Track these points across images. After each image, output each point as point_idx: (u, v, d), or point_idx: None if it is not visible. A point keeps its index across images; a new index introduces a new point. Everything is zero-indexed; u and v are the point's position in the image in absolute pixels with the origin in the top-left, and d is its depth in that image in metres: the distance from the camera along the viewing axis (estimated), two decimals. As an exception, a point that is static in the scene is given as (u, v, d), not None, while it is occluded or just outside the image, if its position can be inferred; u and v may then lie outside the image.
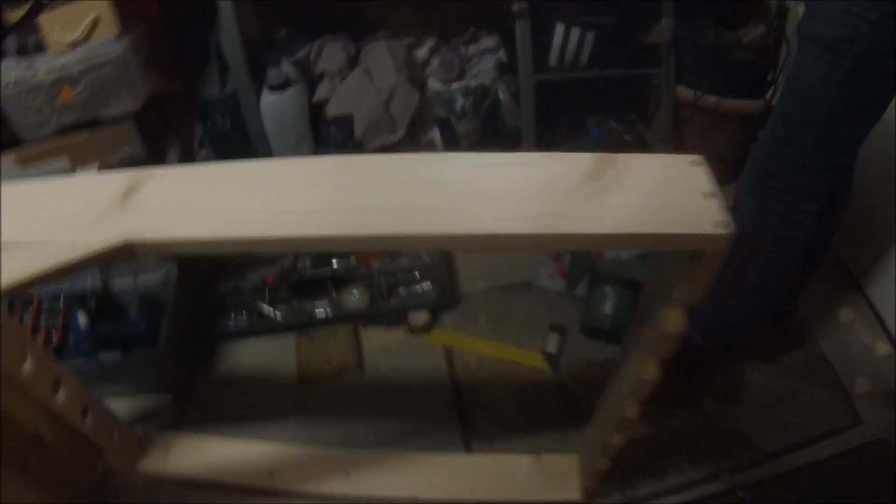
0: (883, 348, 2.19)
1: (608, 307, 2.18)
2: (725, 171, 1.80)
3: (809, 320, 2.29)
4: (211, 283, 2.38)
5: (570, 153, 1.15)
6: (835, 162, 1.56)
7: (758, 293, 1.84)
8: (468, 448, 1.99)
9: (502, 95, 2.57)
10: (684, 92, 2.54)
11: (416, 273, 2.39)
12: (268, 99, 2.39)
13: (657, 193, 1.08)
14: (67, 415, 1.65)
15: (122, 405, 2.01)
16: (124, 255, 1.07)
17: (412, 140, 2.56)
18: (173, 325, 2.07)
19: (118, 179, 1.18)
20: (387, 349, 2.26)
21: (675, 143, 2.66)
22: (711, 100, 2.49)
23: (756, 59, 2.44)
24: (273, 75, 2.39)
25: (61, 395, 1.61)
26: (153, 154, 2.38)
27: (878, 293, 2.29)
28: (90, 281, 2.14)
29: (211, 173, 1.24)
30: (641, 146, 2.72)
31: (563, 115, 2.77)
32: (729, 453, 1.98)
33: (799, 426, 2.04)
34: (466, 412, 2.08)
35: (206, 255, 2.14)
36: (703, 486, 1.91)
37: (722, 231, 1.01)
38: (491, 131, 2.68)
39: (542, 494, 1.82)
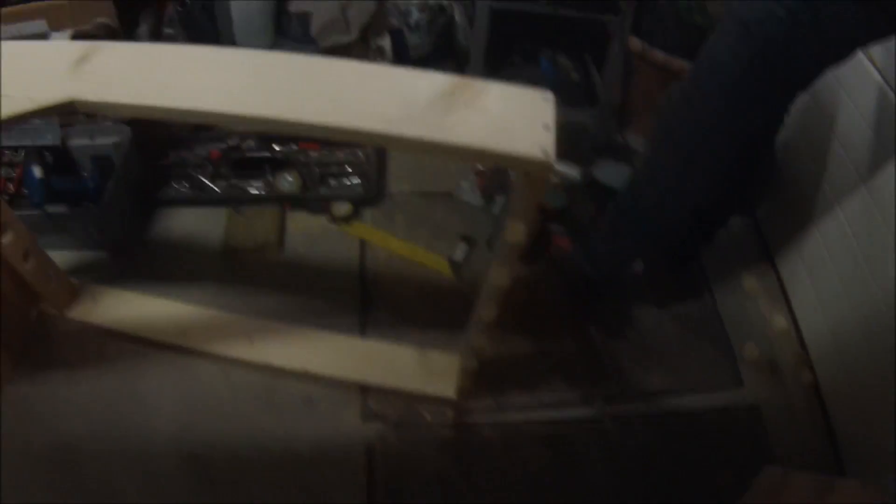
0: (780, 322, 2.25)
1: None
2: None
3: (713, 279, 2.37)
4: (161, 152, 2.49)
5: (433, 72, 1.27)
6: (733, 129, 1.61)
7: (644, 233, 1.93)
8: (363, 333, 2.12)
9: (458, 16, 2.63)
10: (638, 44, 2.56)
11: (348, 167, 2.51)
12: (238, -13, 2.46)
13: (501, 118, 1.18)
14: (11, 256, 1.79)
15: (64, 257, 2.16)
16: (69, 111, 1.26)
17: (364, 44, 2.62)
18: (119, 186, 2.19)
19: (75, 48, 1.34)
20: (308, 233, 2.38)
21: (621, 90, 2.69)
22: (660, 55, 2.52)
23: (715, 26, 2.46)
24: (247, -35, 2.46)
25: (7, 237, 1.74)
26: (125, 26, 2.46)
27: (787, 270, 2.34)
28: (50, 138, 2.22)
29: (156, 52, 1.40)
30: (588, 85, 2.77)
31: (517, 44, 2.80)
32: (605, 384, 2.08)
33: (679, 374, 2.12)
34: (368, 301, 2.21)
35: (140, 119, 2.30)
36: (573, 409, 2.02)
37: (544, 158, 1.11)
38: (442, 49, 2.76)
39: (421, 386, 1.96)
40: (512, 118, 1.19)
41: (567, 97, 2.73)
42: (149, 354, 2.02)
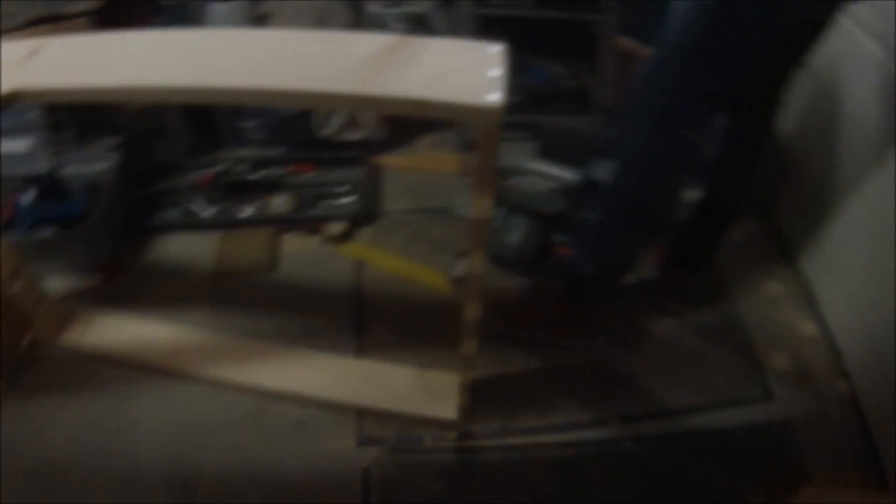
0: (809, 328, 2.10)
1: (514, 237, 2.20)
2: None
3: (733, 286, 2.23)
4: (152, 178, 2.50)
5: (373, 34, 1.26)
6: (705, 91, 1.53)
7: (634, 215, 1.83)
8: (359, 355, 2.03)
9: (438, 25, 2.57)
10: (629, 43, 2.49)
11: (343, 187, 2.47)
12: (214, 8, 2.43)
13: (443, 71, 1.14)
14: None
15: (54, 283, 2.16)
16: (15, 101, 1.26)
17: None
18: (107, 210, 2.18)
19: (25, 45, 1.35)
20: (301, 255, 2.31)
21: (614, 92, 2.62)
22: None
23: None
24: (224, -15, 2.40)
25: None
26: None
27: (812, 270, 2.19)
28: (41, 166, 2.24)
29: (103, 40, 1.38)
30: (581, 92, 2.70)
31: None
32: (622, 401, 1.94)
33: (702, 389, 1.97)
34: (364, 321, 2.12)
35: (132, 144, 2.32)
36: (588, 430, 1.88)
37: (487, 104, 1.06)
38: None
39: (420, 408, 1.86)
40: (455, 70, 1.15)
41: (560, 104, 2.72)
42: (139, 379, 1.97)
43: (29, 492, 1.77)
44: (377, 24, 2.61)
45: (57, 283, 2.19)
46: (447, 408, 1.86)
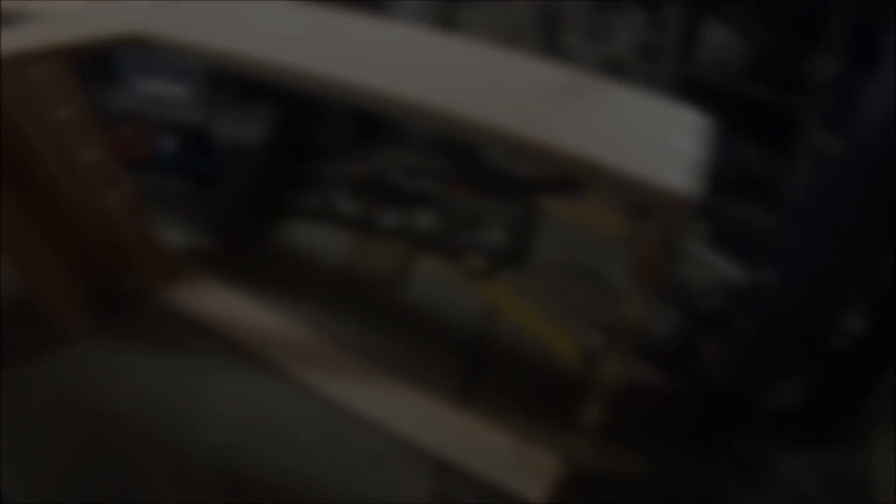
0: None
1: (661, 327, 2.00)
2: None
3: (874, 438, 1.97)
4: (302, 157, 2.41)
5: (558, 66, 1.10)
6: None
7: (787, 334, 1.69)
8: (460, 403, 1.88)
9: (636, 78, 2.31)
10: (831, 141, 2.26)
11: (496, 219, 2.32)
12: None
13: (633, 132, 1.00)
14: (113, 215, 1.79)
15: (174, 237, 2.14)
16: (137, 44, 1.22)
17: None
18: (245, 178, 2.13)
19: None
20: (433, 279, 2.21)
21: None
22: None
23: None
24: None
25: (113, 195, 1.75)
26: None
27: None
28: (194, 115, 2.23)
29: (247, 4, 1.35)
30: (772, 183, 2.41)
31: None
32: None
33: None
34: (477, 369, 1.97)
35: (288, 118, 2.24)
36: None
37: (678, 190, 0.89)
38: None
39: (507, 482, 1.70)
40: (643, 135, 0.98)
41: (745, 192, 2.49)
42: (226, 357, 1.92)
43: (86, 439, 1.75)
44: (569, 59, 2.44)
45: (177, 237, 2.15)
46: (536, 490, 1.69)
